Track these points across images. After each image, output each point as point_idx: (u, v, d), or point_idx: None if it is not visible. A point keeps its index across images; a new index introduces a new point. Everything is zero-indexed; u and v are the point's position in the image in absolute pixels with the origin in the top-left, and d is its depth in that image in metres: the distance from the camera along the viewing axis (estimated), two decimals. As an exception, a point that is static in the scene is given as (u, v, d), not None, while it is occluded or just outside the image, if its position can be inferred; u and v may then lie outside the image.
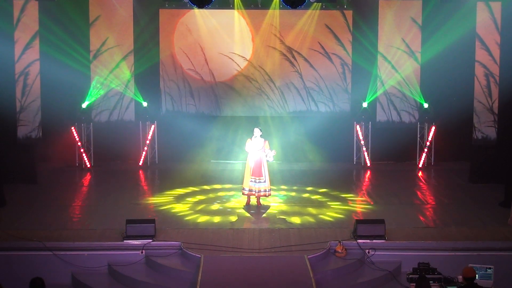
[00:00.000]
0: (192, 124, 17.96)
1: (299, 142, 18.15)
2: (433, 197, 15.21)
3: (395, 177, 16.80)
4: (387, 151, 17.83)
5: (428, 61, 17.53)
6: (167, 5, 17.88)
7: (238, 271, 10.64)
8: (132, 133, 17.97)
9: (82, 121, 17.64)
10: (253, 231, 12.21)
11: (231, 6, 17.70)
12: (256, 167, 13.61)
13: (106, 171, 17.34)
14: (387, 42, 17.71)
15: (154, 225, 11.69)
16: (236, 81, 18.24)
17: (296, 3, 15.55)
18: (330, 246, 11.43)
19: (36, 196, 14.79)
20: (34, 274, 8.77)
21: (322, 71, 18.20)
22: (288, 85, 18.28)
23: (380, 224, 11.67)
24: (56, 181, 16.34)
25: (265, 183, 13.67)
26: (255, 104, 18.34)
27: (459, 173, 16.89)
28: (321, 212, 13.59)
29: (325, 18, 18.00)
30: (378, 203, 14.32)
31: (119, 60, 17.68)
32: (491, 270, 9.76)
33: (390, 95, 17.96)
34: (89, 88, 17.61)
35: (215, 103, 18.32)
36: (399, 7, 17.57)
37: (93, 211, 13.70)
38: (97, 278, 11.05)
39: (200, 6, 15.61)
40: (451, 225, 12.64)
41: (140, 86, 17.99)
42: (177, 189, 15.36)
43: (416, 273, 9.75)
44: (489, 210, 13.72)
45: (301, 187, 15.64)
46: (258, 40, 18.07)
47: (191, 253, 11.14)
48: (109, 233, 11.92)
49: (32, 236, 11.59)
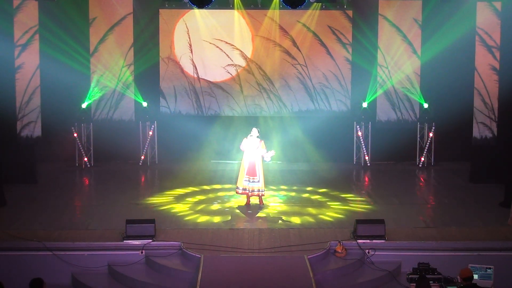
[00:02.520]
0: (192, 124, 17.97)
1: (299, 142, 18.15)
2: (433, 197, 15.22)
3: (395, 177, 16.80)
4: (387, 151, 17.82)
5: (428, 61, 17.54)
6: (167, 5, 17.89)
7: (238, 271, 10.63)
8: (132, 133, 17.97)
9: (82, 121, 17.65)
10: (253, 231, 12.21)
11: (231, 6, 17.71)
12: (250, 167, 13.62)
13: (106, 171, 17.35)
14: (387, 42, 17.71)
15: (154, 225, 11.68)
16: (236, 81, 18.25)
17: (296, 3, 15.57)
18: (330, 246, 11.42)
19: (36, 196, 14.79)
20: (34, 274, 8.76)
21: (322, 71, 18.20)
22: (288, 85, 18.29)
23: (380, 224, 11.67)
24: (56, 181, 16.34)
25: (258, 183, 13.67)
26: (255, 104, 18.35)
27: (459, 173, 16.89)
28: (321, 212, 13.59)
29: (325, 18, 18.01)
30: (378, 203, 14.31)
31: (119, 60, 17.69)
32: (491, 270, 9.75)
33: (390, 95, 17.96)
34: (89, 88, 17.62)
35: (215, 103, 18.32)
36: (399, 7, 17.58)
37: (93, 211, 13.70)
38: (97, 278, 11.04)
39: (200, 6, 15.63)
40: (451, 225, 12.63)
41: (140, 86, 17.99)
42: (177, 189, 15.36)
43: (416, 273, 9.74)
44: (489, 210, 13.72)
45: (301, 187, 15.64)
46: (258, 40, 18.08)
47: (191, 253, 11.14)
48: (109, 233, 11.91)
49: (32, 236, 11.58)
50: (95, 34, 17.59)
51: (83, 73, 17.46)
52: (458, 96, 16.94)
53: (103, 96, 17.81)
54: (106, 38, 17.59)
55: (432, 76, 17.68)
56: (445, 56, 17.19)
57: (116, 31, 17.63)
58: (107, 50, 17.66)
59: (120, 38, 17.65)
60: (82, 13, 17.37)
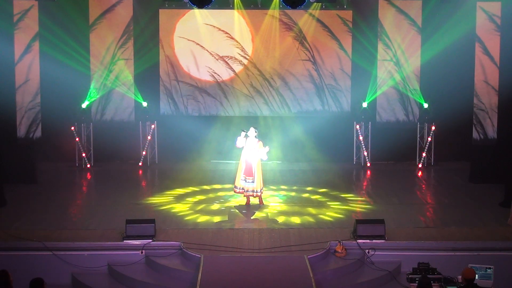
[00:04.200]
0: (192, 124, 17.98)
1: (299, 142, 18.16)
2: (433, 197, 15.22)
3: (395, 177, 16.80)
4: (387, 151, 17.82)
5: (428, 61, 17.54)
6: (167, 5, 17.89)
7: (238, 271, 10.63)
8: (132, 133, 17.97)
9: (82, 121, 17.65)
10: (253, 231, 12.21)
11: (231, 6, 17.71)
12: (247, 167, 13.62)
13: (106, 171, 17.35)
14: (387, 42, 17.71)
15: (154, 225, 11.68)
16: (236, 81, 18.26)
17: (296, 3, 15.55)
18: (330, 246, 11.42)
19: (36, 196, 14.79)
20: (34, 274, 8.75)
21: (322, 71, 18.20)
22: (288, 85, 18.29)
23: (380, 224, 11.67)
24: (56, 181, 16.34)
25: (253, 183, 13.65)
26: (255, 104, 18.35)
27: (459, 173, 16.89)
28: (321, 212, 13.59)
29: (325, 18, 18.02)
30: (378, 203, 14.31)
31: (119, 60, 17.69)
32: (491, 270, 9.74)
33: (390, 95, 17.96)
34: (89, 88, 17.62)
35: (215, 103, 18.33)
36: (399, 7, 17.57)
37: (93, 211, 13.69)
38: (97, 278, 11.04)
39: (200, 6, 15.61)
40: (451, 225, 12.64)
41: (140, 86, 17.99)
42: (177, 189, 15.36)
43: (416, 273, 9.73)
44: (489, 210, 13.72)
45: (301, 187, 15.64)
46: (258, 40, 18.08)
47: (191, 253, 11.14)
48: (109, 233, 11.91)
49: (32, 236, 11.58)
50: (95, 34, 17.59)
51: (83, 73, 17.47)
52: (458, 96, 16.93)
53: (103, 96, 17.81)
54: (106, 38, 17.59)
55: (432, 76, 17.67)
56: (445, 56, 17.18)
57: (116, 31, 17.64)
58: (107, 50, 17.66)
59: (120, 38, 17.65)
60: (82, 13, 17.37)
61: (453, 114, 17.08)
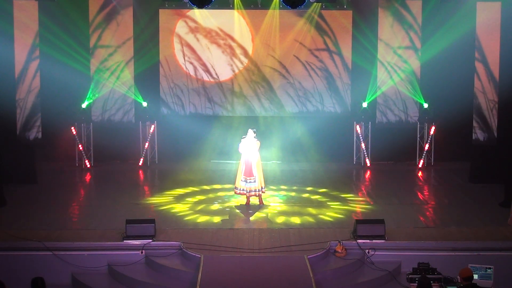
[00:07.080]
0: (192, 124, 17.98)
1: (299, 142, 18.15)
2: (433, 197, 15.22)
3: (395, 177, 16.80)
4: (387, 151, 17.82)
5: (428, 61, 17.54)
6: (167, 5, 17.89)
7: (238, 271, 10.63)
8: (132, 133, 17.97)
9: (82, 121, 17.65)
10: (253, 231, 12.21)
11: (231, 6, 17.72)
12: (247, 167, 13.65)
13: (106, 171, 17.35)
14: (387, 42, 17.72)
15: (154, 225, 11.69)
16: (236, 81, 18.26)
17: (296, 3, 15.55)
18: (330, 246, 11.43)
19: (36, 196, 14.80)
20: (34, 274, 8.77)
21: (322, 71, 18.20)
22: (288, 85, 18.29)
23: (380, 224, 11.67)
24: (56, 181, 16.34)
25: (255, 183, 13.67)
26: (255, 104, 18.35)
27: (459, 173, 16.89)
28: (321, 212, 13.59)
29: (325, 18, 18.01)
30: (378, 203, 14.31)
31: (119, 60, 17.70)
32: (491, 270, 9.75)
33: (390, 95, 17.96)
34: (89, 88, 17.63)
35: (214, 103, 18.33)
36: (399, 7, 17.57)
37: (93, 211, 13.70)
38: (97, 278, 11.05)
39: (200, 6, 15.60)
40: (451, 225, 12.64)
41: (140, 86, 17.99)
42: (177, 189, 15.36)
43: (416, 273, 9.74)
44: (489, 210, 13.72)
45: (301, 187, 15.63)
46: (258, 40, 18.08)
47: (191, 253, 11.14)
48: (109, 233, 11.91)
49: (32, 236, 11.59)
50: (95, 34, 17.59)
51: (83, 73, 17.47)
52: (458, 96, 16.92)
53: (103, 96, 17.81)
54: (106, 38, 17.60)
55: (432, 76, 17.67)
56: (445, 56, 17.18)
57: (116, 31, 17.64)
58: (107, 50, 17.66)
59: (120, 38, 17.66)
60: (82, 13, 17.37)
61: (453, 114, 17.08)
